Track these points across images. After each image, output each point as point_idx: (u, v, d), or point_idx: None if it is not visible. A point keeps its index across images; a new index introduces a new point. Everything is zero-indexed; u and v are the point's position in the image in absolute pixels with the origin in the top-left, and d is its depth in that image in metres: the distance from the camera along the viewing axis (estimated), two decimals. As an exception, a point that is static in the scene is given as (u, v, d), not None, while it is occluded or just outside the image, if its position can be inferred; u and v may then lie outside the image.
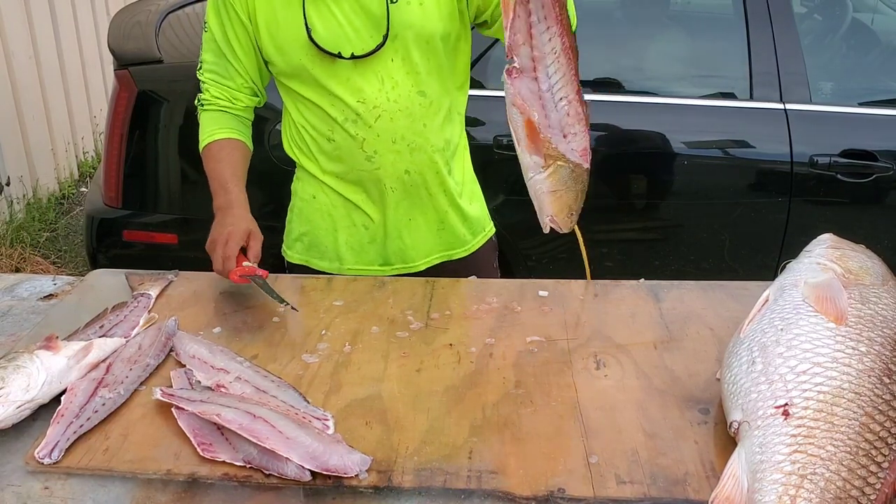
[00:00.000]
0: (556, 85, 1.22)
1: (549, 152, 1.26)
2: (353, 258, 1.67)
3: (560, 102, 1.23)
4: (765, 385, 1.04)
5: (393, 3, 1.47)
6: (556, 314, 1.38)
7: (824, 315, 1.10)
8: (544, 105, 1.23)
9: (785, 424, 0.98)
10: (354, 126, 1.53)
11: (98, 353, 1.20)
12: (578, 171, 1.28)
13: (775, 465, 0.94)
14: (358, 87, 1.51)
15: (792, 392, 1.01)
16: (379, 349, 1.28)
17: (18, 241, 3.78)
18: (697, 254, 2.71)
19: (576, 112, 1.24)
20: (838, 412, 0.98)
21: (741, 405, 1.04)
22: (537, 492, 0.98)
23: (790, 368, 1.04)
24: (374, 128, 1.53)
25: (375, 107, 1.52)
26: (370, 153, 1.55)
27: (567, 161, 1.27)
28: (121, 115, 2.53)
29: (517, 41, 1.19)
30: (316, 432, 1.04)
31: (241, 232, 1.47)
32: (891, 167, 2.56)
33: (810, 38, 2.84)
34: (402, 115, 1.53)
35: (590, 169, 1.30)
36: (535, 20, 1.19)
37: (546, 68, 1.21)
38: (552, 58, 1.20)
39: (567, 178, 1.29)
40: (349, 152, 1.56)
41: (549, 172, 1.28)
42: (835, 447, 0.95)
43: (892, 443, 0.97)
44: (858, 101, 2.69)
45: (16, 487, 0.99)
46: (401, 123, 1.53)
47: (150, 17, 2.85)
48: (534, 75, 1.21)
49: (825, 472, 0.92)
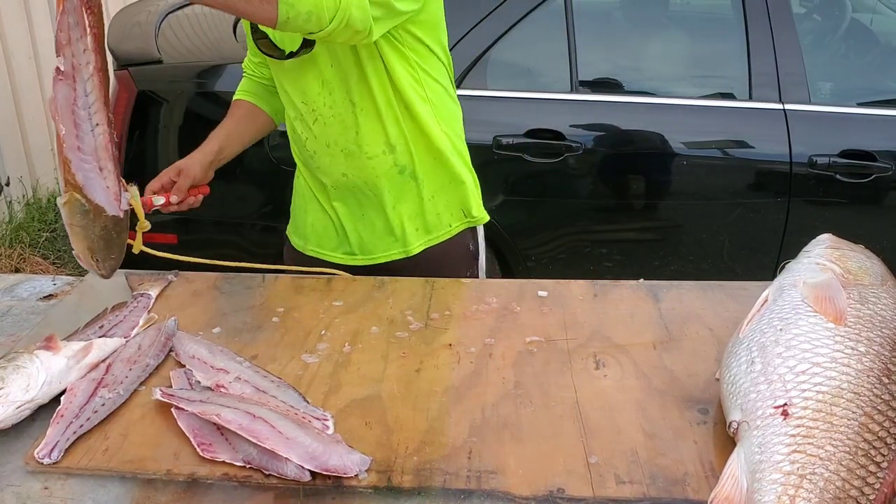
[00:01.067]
0: (93, 107, 1.08)
1: (68, 177, 1.10)
2: (315, 241, 1.70)
3: (97, 128, 1.10)
4: (764, 385, 1.04)
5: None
6: (556, 314, 1.38)
7: (823, 315, 1.10)
8: (78, 123, 1.08)
9: (784, 424, 0.98)
10: (301, 125, 1.57)
11: (98, 354, 1.20)
12: (96, 213, 1.12)
13: (774, 465, 0.94)
14: (303, 88, 1.52)
15: (791, 392, 1.01)
16: (378, 349, 1.28)
17: (18, 242, 3.78)
18: (697, 254, 2.71)
19: (109, 147, 1.09)
20: (837, 412, 0.98)
21: (740, 405, 1.04)
22: (537, 492, 0.98)
23: (789, 368, 1.04)
24: (313, 130, 1.55)
25: (314, 110, 1.53)
26: (311, 152, 1.58)
27: (83, 196, 1.11)
28: (120, 116, 2.53)
29: (61, 40, 1.05)
30: (315, 432, 1.04)
31: (172, 168, 1.54)
32: (890, 167, 2.56)
33: (809, 39, 2.84)
34: (335, 120, 1.52)
35: (123, 220, 1.15)
36: (72, 22, 1.05)
37: (84, 83, 1.08)
38: (88, 73, 1.07)
39: (80, 216, 1.12)
40: (301, 147, 1.61)
41: (65, 200, 1.13)
42: (834, 447, 0.95)
43: (891, 443, 0.97)
44: (857, 102, 2.69)
45: (15, 487, 0.99)
46: (334, 129, 1.53)
47: (149, 18, 2.85)
48: (73, 85, 1.07)
49: (824, 471, 0.93)
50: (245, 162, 2.57)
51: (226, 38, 2.82)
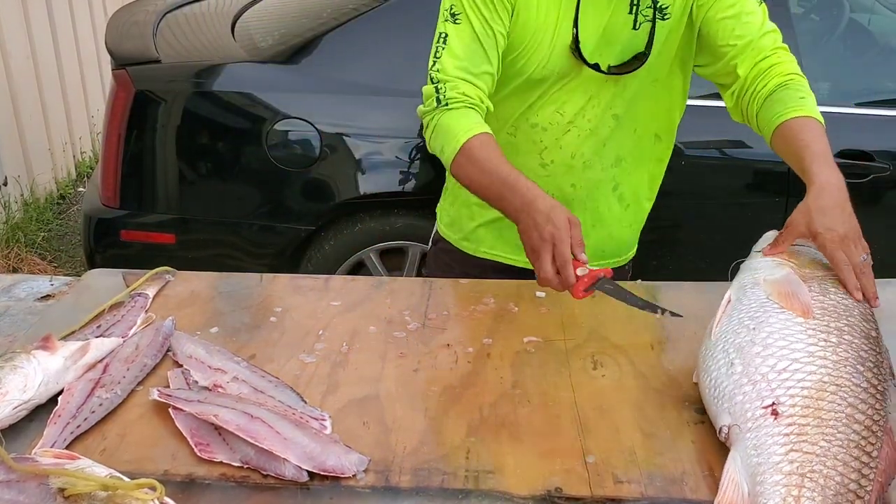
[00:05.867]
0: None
1: None
2: (489, 243, 1.66)
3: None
4: (749, 386, 1.04)
5: (662, 18, 1.42)
6: (554, 315, 1.38)
7: (790, 311, 1.11)
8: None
9: (776, 424, 0.99)
10: (542, 133, 1.51)
11: (95, 354, 1.20)
12: None
13: (774, 466, 0.94)
14: (563, 99, 1.48)
15: (777, 391, 1.02)
16: (376, 349, 1.28)
17: (15, 242, 3.77)
18: (694, 254, 2.71)
19: None
20: (824, 406, 1.00)
21: (727, 409, 1.04)
22: (535, 491, 0.98)
23: (770, 367, 1.05)
24: (560, 140, 1.51)
25: (570, 122, 1.50)
26: (546, 161, 1.54)
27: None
28: (118, 115, 2.53)
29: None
30: (313, 432, 1.04)
31: (564, 227, 1.20)
32: (887, 167, 2.56)
33: (807, 39, 2.84)
34: (589, 134, 1.51)
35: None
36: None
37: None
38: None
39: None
40: (526, 153, 1.54)
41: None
42: (828, 442, 0.96)
43: (876, 430, 0.99)
44: (855, 102, 2.69)
45: (13, 488, 0.99)
46: (587, 142, 1.52)
47: (147, 17, 2.86)
48: None
49: (822, 468, 0.93)
50: (243, 161, 2.58)
51: (224, 38, 2.82)
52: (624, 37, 1.45)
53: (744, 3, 1.44)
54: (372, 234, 2.60)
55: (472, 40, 1.40)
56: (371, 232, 2.60)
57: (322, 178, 2.56)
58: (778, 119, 1.39)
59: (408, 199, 2.56)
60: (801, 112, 1.38)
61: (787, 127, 1.37)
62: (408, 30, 2.52)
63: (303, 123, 2.50)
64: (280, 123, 2.51)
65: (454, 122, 1.38)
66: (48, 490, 0.91)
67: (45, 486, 0.91)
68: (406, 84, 2.51)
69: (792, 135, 1.36)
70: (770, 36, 1.46)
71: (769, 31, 1.46)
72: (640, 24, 1.44)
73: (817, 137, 1.35)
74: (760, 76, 1.44)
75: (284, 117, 2.51)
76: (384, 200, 2.58)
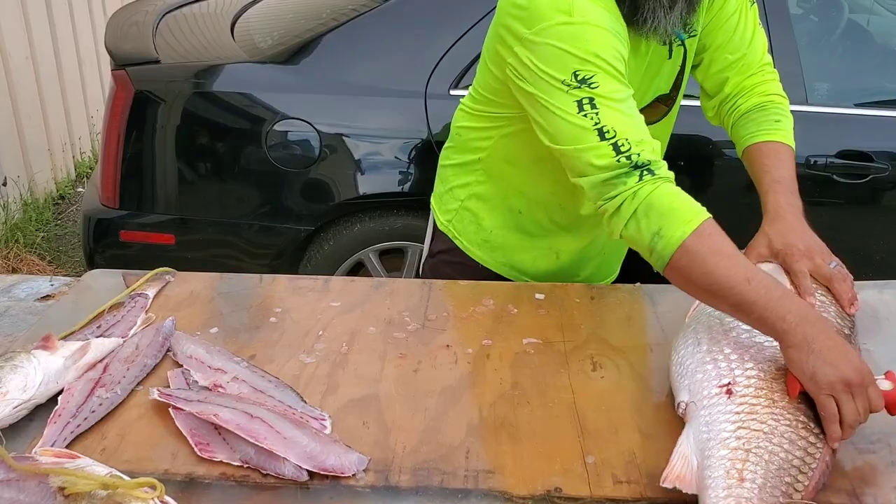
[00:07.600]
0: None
1: None
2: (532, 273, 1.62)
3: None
4: (710, 365, 1.09)
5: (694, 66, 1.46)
6: (553, 316, 1.38)
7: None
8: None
9: (729, 402, 1.02)
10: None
11: (95, 353, 1.20)
12: None
13: (721, 442, 0.98)
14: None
15: (735, 371, 1.06)
16: (376, 350, 1.28)
17: (15, 242, 3.77)
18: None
19: None
20: (777, 388, 1.03)
21: (688, 386, 1.08)
22: (534, 491, 0.99)
23: (732, 349, 1.10)
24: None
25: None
26: (557, 190, 1.48)
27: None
28: (118, 116, 2.53)
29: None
30: (313, 432, 1.04)
31: (864, 365, 1.02)
32: (886, 168, 2.56)
33: (806, 40, 2.84)
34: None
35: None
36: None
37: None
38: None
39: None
40: (537, 183, 1.51)
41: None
42: (776, 421, 0.99)
43: None
44: (854, 102, 2.69)
45: (13, 487, 0.99)
46: None
47: (147, 18, 2.85)
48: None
49: (768, 444, 0.96)
50: (243, 162, 2.58)
51: (223, 39, 2.82)
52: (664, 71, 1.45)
53: (740, 18, 1.46)
54: (371, 234, 2.60)
55: (626, 96, 1.21)
56: (370, 232, 2.60)
57: (321, 179, 2.56)
58: (749, 140, 1.43)
59: (407, 199, 2.56)
60: (770, 137, 1.41)
61: (755, 149, 1.41)
62: (408, 30, 2.52)
63: (302, 124, 2.50)
64: (279, 124, 2.51)
65: (680, 204, 1.18)
66: (48, 489, 0.91)
67: (45, 485, 0.91)
68: (406, 84, 2.52)
69: (756, 158, 1.40)
70: (758, 51, 1.49)
71: (759, 47, 1.49)
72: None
73: (780, 163, 1.37)
74: (743, 93, 1.48)
75: (284, 118, 2.51)
76: (383, 201, 2.58)
